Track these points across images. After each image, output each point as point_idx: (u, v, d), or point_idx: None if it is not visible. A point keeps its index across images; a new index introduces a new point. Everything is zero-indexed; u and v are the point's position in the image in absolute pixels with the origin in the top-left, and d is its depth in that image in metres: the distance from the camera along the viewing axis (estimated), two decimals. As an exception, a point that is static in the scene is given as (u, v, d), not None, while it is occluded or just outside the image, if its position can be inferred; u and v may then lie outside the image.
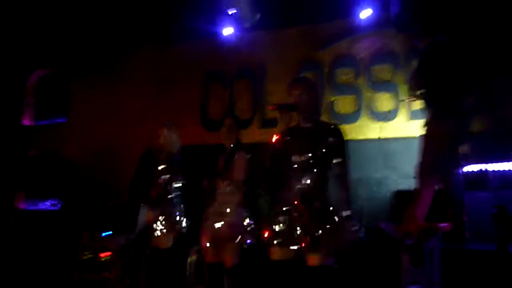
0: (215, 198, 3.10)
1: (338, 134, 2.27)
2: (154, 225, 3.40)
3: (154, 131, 3.60)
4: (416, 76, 3.38)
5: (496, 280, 2.71)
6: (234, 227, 2.95)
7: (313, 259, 2.15)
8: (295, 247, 2.17)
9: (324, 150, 2.23)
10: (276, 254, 2.24)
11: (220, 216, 3.00)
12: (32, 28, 5.77)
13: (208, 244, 3.03)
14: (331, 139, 2.24)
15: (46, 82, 6.44)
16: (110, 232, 4.29)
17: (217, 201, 3.07)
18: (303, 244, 2.15)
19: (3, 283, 4.05)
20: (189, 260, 3.96)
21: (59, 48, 5.85)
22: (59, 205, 5.45)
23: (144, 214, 3.54)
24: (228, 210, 3.00)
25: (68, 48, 5.78)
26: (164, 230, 3.36)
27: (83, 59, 5.78)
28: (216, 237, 2.98)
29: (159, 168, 3.51)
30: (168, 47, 5.41)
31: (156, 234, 3.40)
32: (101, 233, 4.32)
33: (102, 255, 4.25)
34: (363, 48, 4.62)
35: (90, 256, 4.31)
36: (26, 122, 6.40)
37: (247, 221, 3.03)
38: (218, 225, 2.97)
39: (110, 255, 4.23)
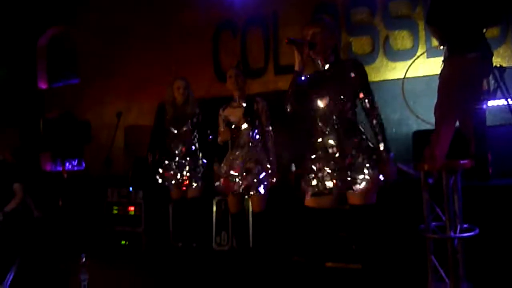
0: (236, 147, 3.11)
1: (359, 67, 2.19)
2: (179, 177, 3.49)
3: (168, 85, 3.58)
4: (432, 13, 3.21)
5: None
6: (259, 174, 2.98)
7: (355, 198, 2.13)
8: (330, 196, 2.15)
9: (347, 87, 2.16)
10: (311, 202, 2.22)
11: (243, 164, 3.02)
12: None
13: (231, 193, 3.08)
14: (352, 74, 2.16)
15: (57, 43, 6.41)
16: (131, 189, 4.43)
17: (238, 150, 3.09)
18: (340, 186, 2.11)
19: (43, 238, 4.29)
20: (214, 209, 4.09)
21: (67, 7, 5.75)
22: (82, 165, 5.61)
23: (166, 168, 3.60)
24: (250, 158, 3.03)
25: (72, 5, 5.68)
26: (190, 181, 3.45)
27: (89, 17, 5.69)
28: (240, 185, 3.00)
29: (177, 120, 3.54)
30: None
31: (182, 185, 3.50)
32: (127, 189, 4.46)
33: (129, 209, 4.42)
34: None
35: (118, 211, 4.49)
36: (42, 85, 6.46)
37: (270, 166, 3.05)
38: (243, 173, 3.01)
39: (137, 209, 4.40)
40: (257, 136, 3.09)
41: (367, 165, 2.10)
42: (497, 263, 2.77)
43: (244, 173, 3.00)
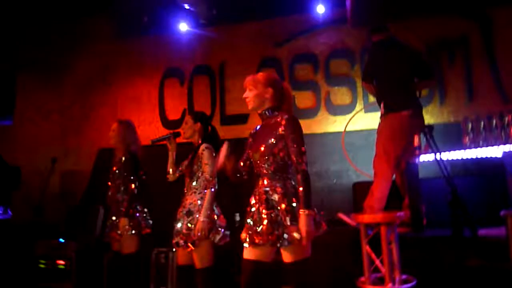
0: (184, 197, 2.97)
1: (290, 125, 2.17)
2: (116, 229, 3.26)
3: (109, 130, 3.46)
4: (366, 72, 3.47)
5: (452, 263, 2.82)
6: (205, 226, 2.79)
7: (288, 256, 2.11)
8: (267, 247, 2.12)
9: (276, 142, 2.18)
10: (248, 254, 2.18)
11: (190, 215, 2.87)
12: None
13: (179, 246, 2.87)
14: (283, 131, 2.17)
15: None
16: (62, 240, 4.10)
17: (185, 199, 2.96)
18: (274, 242, 2.10)
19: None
20: (152, 262, 3.86)
21: (2, 44, 5.50)
22: (9, 213, 5.15)
23: (102, 217, 3.40)
24: (197, 208, 2.87)
25: (12, 43, 5.45)
26: (127, 234, 3.22)
27: (30, 55, 5.47)
28: (187, 237, 2.83)
29: (116, 168, 3.38)
30: (123, 43, 5.23)
31: (118, 238, 3.26)
32: (57, 240, 4.12)
33: (59, 262, 4.06)
34: (320, 44, 4.69)
35: (46, 264, 4.10)
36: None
37: (219, 219, 2.90)
38: (188, 224, 2.84)
39: (68, 262, 4.05)
40: (195, 185, 2.92)
41: (289, 221, 2.09)
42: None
43: (183, 225, 2.85)
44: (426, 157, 3.33)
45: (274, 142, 2.19)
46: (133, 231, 3.21)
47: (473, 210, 2.99)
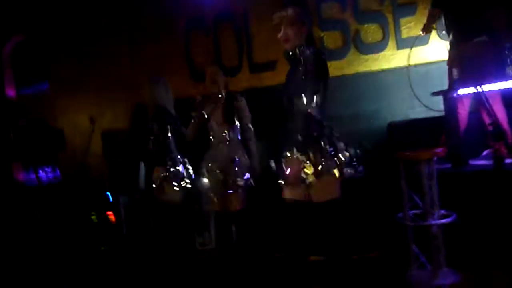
0: (215, 147, 3.10)
1: (320, 60, 2.23)
2: (159, 182, 3.42)
3: (141, 88, 3.52)
4: None
5: (493, 196, 2.80)
6: (237, 173, 2.96)
7: (319, 195, 2.19)
8: (302, 186, 2.20)
9: (313, 80, 2.20)
10: (286, 194, 2.28)
11: (222, 164, 3.00)
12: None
13: (212, 193, 3.06)
14: (314, 67, 2.21)
15: (23, 50, 6.19)
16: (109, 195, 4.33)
17: (219, 149, 3.07)
18: (309, 181, 2.17)
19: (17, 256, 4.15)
20: (195, 211, 4.05)
21: (33, 12, 5.55)
22: (58, 176, 5.44)
23: (144, 172, 3.55)
24: (230, 157, 3.01)
25: (42, 10, 5.48)
26: (172, 187, 3.39)
27: (59, 21, 5.51)
28: (220, 185, 3.00)
29: (153, 124, 3.48)
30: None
31: (162, 191, 3.43)
32: (105, 195, 4.36)
33: (110, 215, 4.33)
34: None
35: (98, 217, 4.39)
36: (10, 93, 6.23)
37: (248, 164, 3.03)
38: (221, 174, 2.99)
39: (117, 215, 4.31)
40: (233, 135, 3.07)
41: (331, 160, 2.17)
42: (475, 247, 2.85)
43: (223, 172, 2.99)
44: (467, 90, 3.20)
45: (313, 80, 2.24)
46: (180, 182, 3.37)
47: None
